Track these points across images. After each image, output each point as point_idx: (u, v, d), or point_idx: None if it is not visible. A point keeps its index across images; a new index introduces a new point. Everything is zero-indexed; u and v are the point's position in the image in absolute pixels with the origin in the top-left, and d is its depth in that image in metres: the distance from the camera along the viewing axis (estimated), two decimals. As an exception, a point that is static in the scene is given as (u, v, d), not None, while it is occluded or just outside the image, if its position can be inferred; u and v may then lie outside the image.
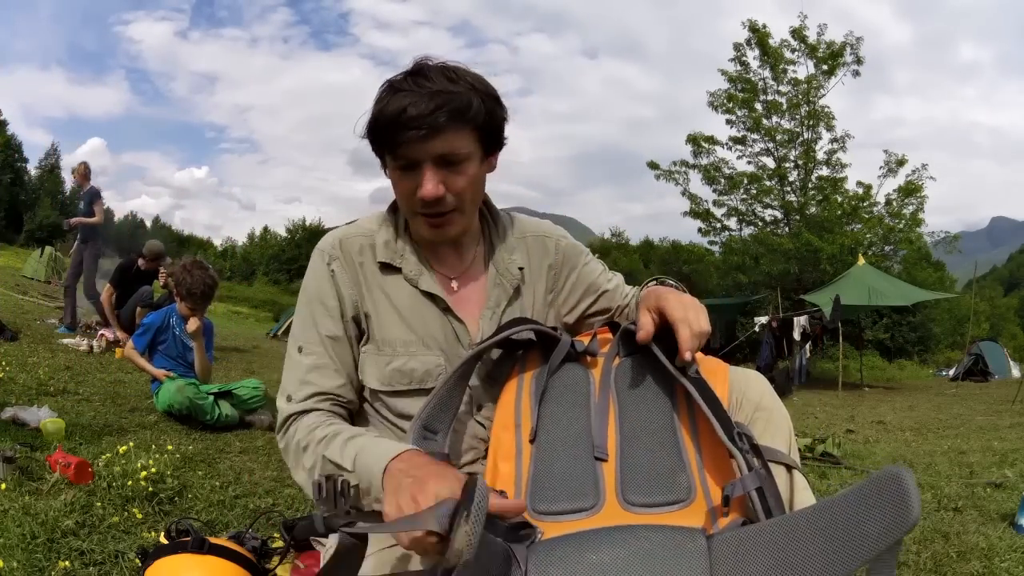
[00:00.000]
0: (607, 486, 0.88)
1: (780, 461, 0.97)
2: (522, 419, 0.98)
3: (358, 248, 1.09)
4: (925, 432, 5.66)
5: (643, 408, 0.95)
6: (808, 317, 11.98)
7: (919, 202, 16.11)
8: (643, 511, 0.85)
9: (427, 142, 0.94)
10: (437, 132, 0.93)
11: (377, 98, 0.98)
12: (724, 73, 17.58)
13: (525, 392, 1.01)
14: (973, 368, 15.59)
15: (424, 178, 0.96)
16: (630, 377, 0.99)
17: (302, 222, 47.45)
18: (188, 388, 3.32)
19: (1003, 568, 2.02)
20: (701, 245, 20.31)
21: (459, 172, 0.98)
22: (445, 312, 1.08)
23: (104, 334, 5.90)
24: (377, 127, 0.97)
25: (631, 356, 1.03)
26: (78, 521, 1.75)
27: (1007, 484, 3.23)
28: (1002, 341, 22.66)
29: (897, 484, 0.58)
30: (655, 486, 0.87)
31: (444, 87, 0.94)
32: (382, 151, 1.02)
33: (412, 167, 0.97)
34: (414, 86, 0.95)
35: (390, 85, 0.98)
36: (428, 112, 0.92)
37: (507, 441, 0.97)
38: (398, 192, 1.03)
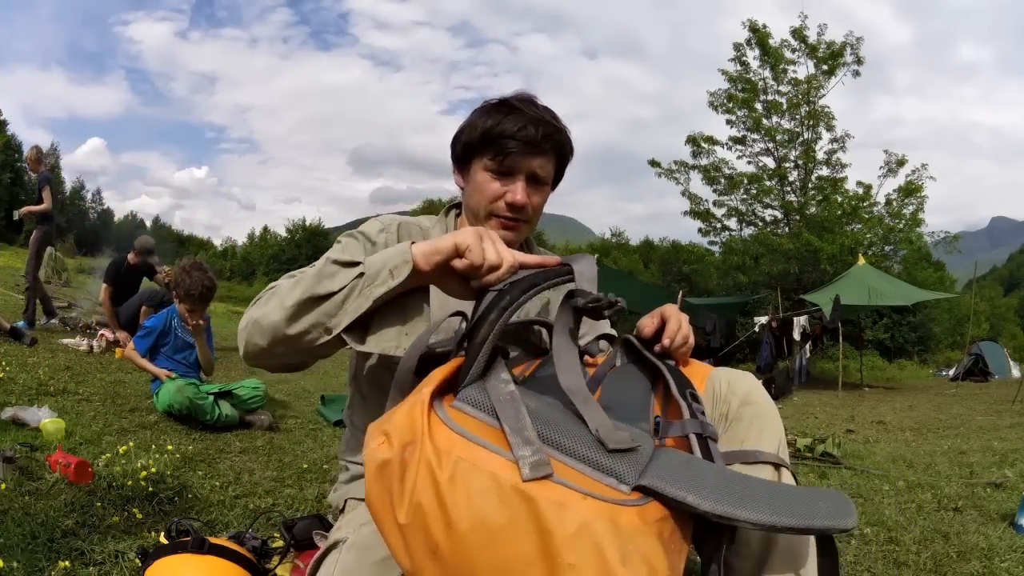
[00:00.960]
0: None
1: (766, 461, 0.96)
2: None
3: (411, 234, 1.19)
4: (925, 432, 5.66)
5: (624, 399, 0.97)
6: (808, 317, 11.98)
7: (919, 202, 16.10)
8: None
9: (531, 158, 1.13)
10: (540, 153, 1.13)
11: (488, 111, 1.14)
12: (724, 73, 17.57)
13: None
14: (973, 368, 15.59)
15: (518, 186, 1.14)
16: (619, 377, 1.02)
17: (302, 222, 47.46)
18: (188, 388, 3.32)
19: (1003, 568, 2.02)
20: (701, 245, 20.35)
21: (539, 191, 1.17)
22: None
23: (104, 334, 5.90)
24: (491, 135, 1.12)
25: (627, 365, 1.06)
26: (78, 521, 1.75)
27: (1007, 484, 3.23)
28: (1002, 341, 22.68)
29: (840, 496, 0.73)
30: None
31: (552, 120, 1.15)
32: (477, 155, 1.15)
33: (508, 174, 1.14)
34: (531, 109, 1.13)
35: (504, 103, 1.15)
36: (541, 136, 1.12)
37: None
38: (484, 193, 1.15)
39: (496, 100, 1.16)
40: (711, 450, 0.82)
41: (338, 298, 0.92)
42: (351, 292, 0.92)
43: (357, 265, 0.93)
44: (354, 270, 0.92)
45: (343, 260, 0.94)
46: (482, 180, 1.14)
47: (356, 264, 0.93)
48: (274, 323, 0.95)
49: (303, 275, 0.98)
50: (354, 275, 0.92)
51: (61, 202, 41.54)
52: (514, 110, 1.12)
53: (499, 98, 1.17)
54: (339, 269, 0.93)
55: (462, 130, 1.17)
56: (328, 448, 3.20)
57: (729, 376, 1.05)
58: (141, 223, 61.09)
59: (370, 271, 0.91)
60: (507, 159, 1.12)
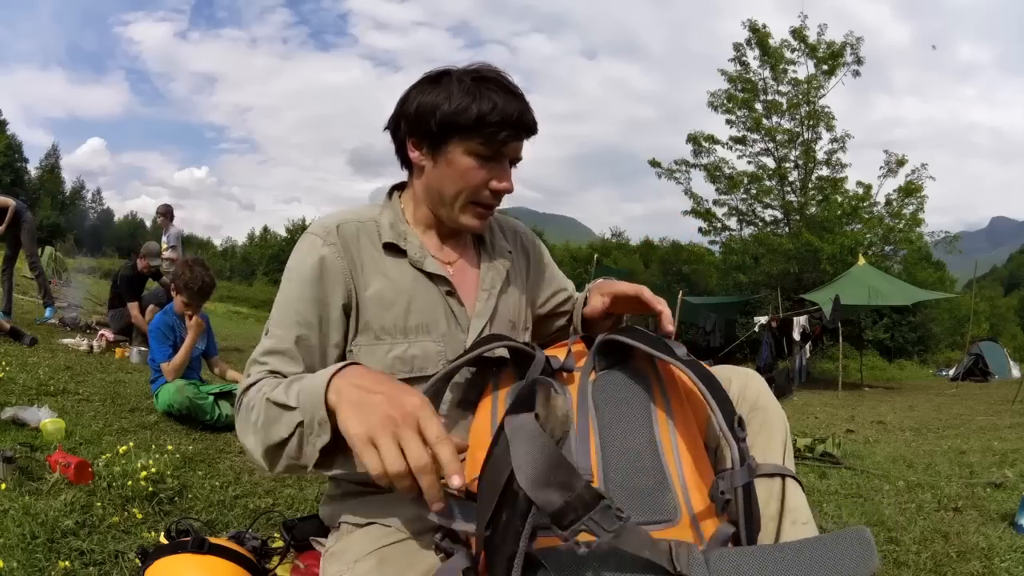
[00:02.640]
0: None
1: (775, 473, 0.95)
2: None
3: (355, 233, 1.08)
4: (925, 432, 5.66)
5: (623, 426, 0.92)
6: (808, 317, 11.98)
7: (919, 202, 16.12)
8: None
9: (520, 142, 1.07)
10: (525, 137, 1.07)
11: (473, 90, 1.01)
12: (724, 73, 17.59)
13: (500, 410, 0.96)
14: (973, 368, 15.59)
15: (506, 173, 1.07)
16: (607, 392, 0.95)
17: (302, 222, 47.50)
18: (188, 388, 3.32)
19: (1003, 568, 2.02)
20: (701, 245, 20.38)
21: (512, 174, 1.11)
22: (448, 295, 1.10)
23: (104, 334, 5.90)
24: (488, 120, 1.00)
25: (607, 370, 0.98)
26: (78, 521, 1.75)
27: (1007, 484, 3.23)
28: (1002, 341, 22.65)
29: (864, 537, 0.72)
30: (640, 505, 0.83)
31: (528, 104, 1.07)
32: (462, 137, 1.03)
33: (494, 159, 1.05)
34: (516, 88, 1.05)
35: (486, 81, 1.03)
36: (533, 121, 1.06)
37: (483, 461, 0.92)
38: (469, 180, 1.05)
39: (470, 76, 1.03)
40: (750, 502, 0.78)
41: (292, 443, 0.86)
42: (300, 439, 0.85)
43: (292, 410, 0.85)
44: (293, 417, 0.85)
45: (279, 401, 0.87)
46: (468, 166, 1.04)
47: (291, 408, 0.85)
48: (259, 463, 0.93)
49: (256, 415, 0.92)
50: (295, 423, 0.85)
51: (61, 202, 41.53)
52: (503, 89, 1.03)
53: (471, 72, 1.04)
54: (280, 413, 0.87)
55: (435, 105, 1.02)
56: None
57: (736, 376, 1.03)
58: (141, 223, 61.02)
59: (306, 418, 0.83)
60: (498, 145, 1.03)
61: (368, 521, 1.03)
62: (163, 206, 7.75)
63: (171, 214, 7.72)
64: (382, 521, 1.01)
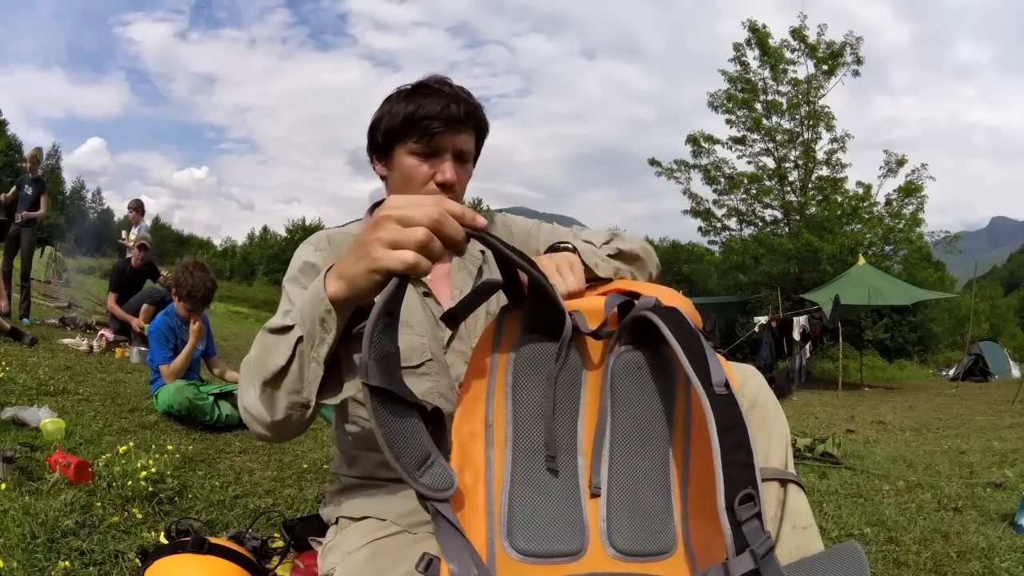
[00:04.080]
0: (591, 526, 0.78)
1: (775, 478, 0.93)
2: (494, 419, 0.80)
3: (343, 243, 1.16)
4: (925, 432, 5.67)
5: (641, 430, 0.82)
6: (808, 317, 11.99)
7: (919, 202, 16.12)
8: (626, 559, 0.78)
9: (456, 135, 1.12)
10: (464, 130, 1.13)
11: (405, 95, 1.13)
12: (724, 73, 17.58)
13: (499, 379, 0.82)
14: (973, 368, 15.59)
15: (447, 165, 1.12)
16: (631, 381, 0.83)
17: (302, 222, 47.50)
18: (188, 388, 3.32)
19: (1003, 568, 2.02)
20: (701, 245, 20.31)
21: (463, 168, 1.15)
22: (425, 296, 1.15)
23: (104, 334, 5.91)
24: (414, 118, 1.09)
25: (632, 348, 0.84)
26: (78, 521, 1.75)
27: (1007, 484, 3.23)
28: (1002, 341, 22.65)
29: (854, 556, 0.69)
30: (641, 533, 0.79)
31: (468, 97, 1.14)
32: (400, 141, 1.12)
33: (434, 155, 1.12)
34: (447, 88, 1.12)
35: (423, 86, 1.13)
36: (463, 112, 1.11)
37: (476, 453, 0.79)
38: (413, 177, 1.12)
39: (410, 86, 1.15)
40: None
41: (293, 370, 0.81)
42: (300, 361, 0.81)
43: (290, 329, 0.81)
44: (291, 335, 0.81)
45: (276, 327, 0.84)
46: (410, 165, 1.12)
47: (289, 328, 0.82)
48: (260, 415, 0.88)
49: (253, 354, 0.89)
50: (294, 341, 0.80)
51: (61, 202, 41.54)
52: (432, 91, 1.11)
53: (412, 84, 1.15)
54: (278, 339, 0.83)
55: (379, 119, 1.15)
56: (328, 448, 3.20)
57: (736, 373, 0.97)
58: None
59: (306, 330, 0.79)
60: (433, 139, 1.10)
61: (363, 515, 1.07)
62: (134, 201, 7.96)
63: (142, 208, 7.93)
64: (376, 515, 1.05)
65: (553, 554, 0.76)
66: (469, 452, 0.79)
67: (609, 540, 0.78)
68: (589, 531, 0.78)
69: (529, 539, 0.76)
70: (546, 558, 0.76)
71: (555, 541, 0.77)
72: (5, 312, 6.48)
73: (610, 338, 0.85)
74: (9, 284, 6.91)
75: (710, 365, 0.72)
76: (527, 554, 0.76)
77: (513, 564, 0.75)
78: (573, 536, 0.77)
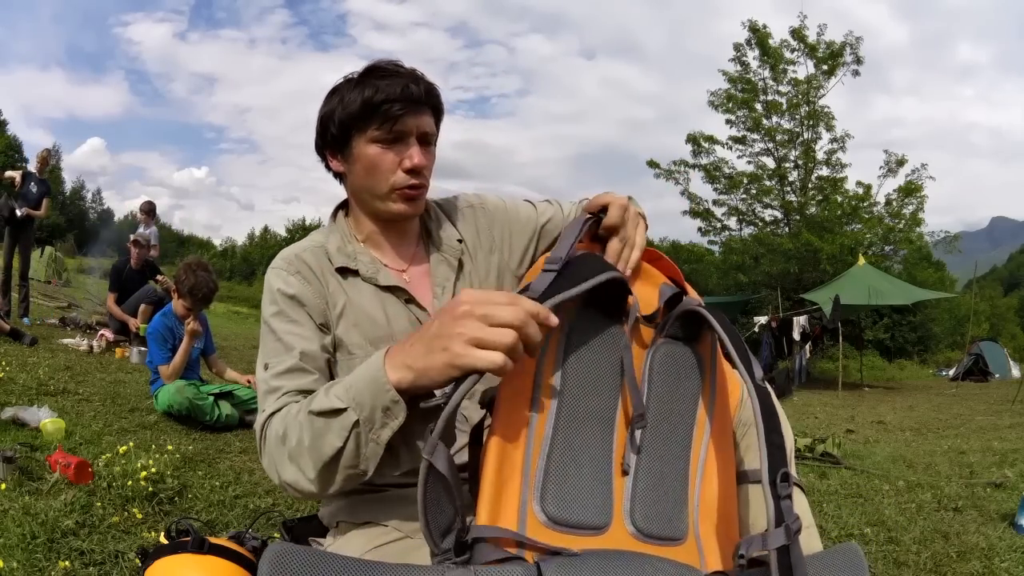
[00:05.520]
0: (616, 504, 0.81)
1: None
2: (543, 383, 0.81)
3: (315, 259, 1.11)
4: (925, 432, 5.67)
5: (671, 417, 0.87)
6: (808, 317, 11.99)
7: (919, 202, 16.12)
8: (644, 540, 0.80)
9: (419, 117, 1.05)
10: (425, 110, 1.06)
11: (357, 81, 1.05)
12: (724, 73, 17.60)
13: (552, 346, 0.83)
14: (973, 368, 15.61)
15: (414, 150, 1.05)
16: (669, 370, 0.88)
17: (302, 222, 47.46)
18: (188, 388, 3.32)
19: (1003, 568, 2.02)
20: (701, 245, 20.34)
21: (428, 151, 1.09)
22: (408, 303, 1.10)
23: (104, 334, 5.91)
24: (373, 102, 1.02)
25: (673, 340, 0.90)
26: (78, 521, 1.75)
27: (1007, 484, 3.23)
28: (1002, 341, 22.66)
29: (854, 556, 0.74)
30: (660, 516, 0.82)
31: (424, 78, 1.07)
32: (359, 130, 1.05)
33: (398, 141, 1.05)
34: (402, 69, 1.06)
35: (375, 68, 1.05)
36: (423, 93, 1.05)
37: (520, 414, 0.80)
38: (380, 167, 1.05)
39: (359, 72, 1.07)
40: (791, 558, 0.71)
41: (350, 448, 0.81)
42: (358, 441, 0.81)
43: (342, 412, 0.81)
44: (345, 419, 0.81)
45: (324, 409, 0.83)
46: (373, 154, 1.04)
47: (341, 411, 0.81)
48: (313, 491, 0.87)
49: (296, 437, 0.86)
50: (349, 424, 0.80)
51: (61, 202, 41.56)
52: (388, 73, 1.04)
53: (362, 69, 1.07)
54: (327, 423, 0.82)
55: (331, 111, 1.06)
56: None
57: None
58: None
59: (363, 415, 0.79)
60: (396, 123, 1.03)
61: (364, 520, 1.04)
62: (146, 203, 7.74)
63: (153, 211, 7.72)
64: (379, 521, 1.02)
65: (580, 525, 0.78)
66: (514, 411, 0.80)
67: (631, 518, 0.80)
68: (615, 507, 0.80)
69: (559, 506, 0.78)
70: (572, 528, 0.77)
71: (583, 512, 0.78)
72: (5, 312, 6.49)
73: (656, 326, 0.90)
74: (9, 284, 6.91)
75: (752, 362, 0.80)
76: (555, 520, 0.77)
77: (541, 528, 0.76)
78: (600, 510, 0.80)
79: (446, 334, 0.72)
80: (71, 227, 40.03)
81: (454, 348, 0.71)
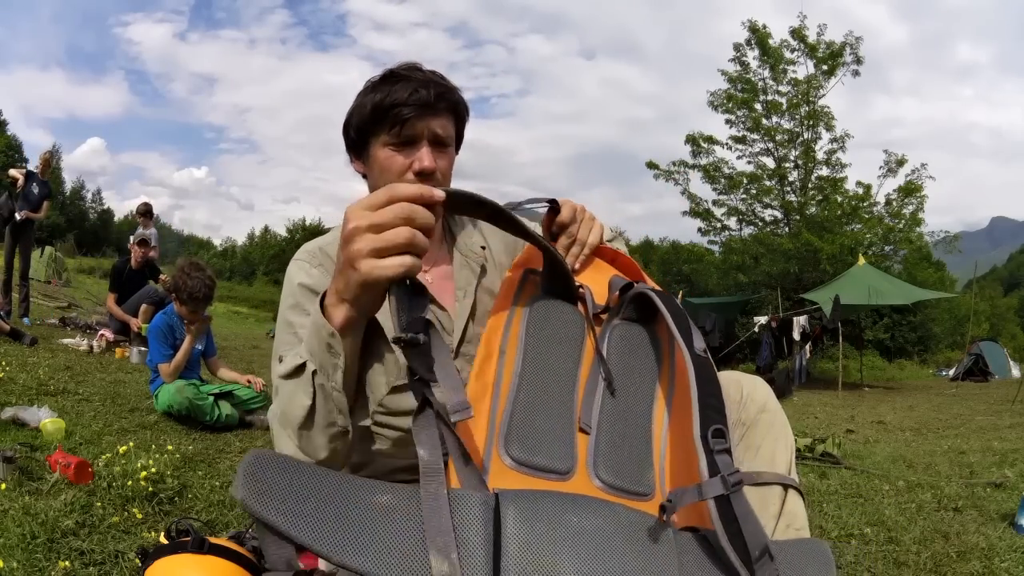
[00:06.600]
0: (579, 455, 0.84)
1: (778, 482, 0.97)
2: (508, 347, 0.89)
3: (338, 254, 1.11)
4: (925, 432, 5.67)
5: (629, 386, 0.91)
6: (808, 317, 11.99)
7: (919, 202, 16.10)
8: (610, 491, 0.82)
9: (430, 120, 1.07)
10: (438, 113, 1.08)
11: (374, 86, 1.09)
12: (724, 73, 17.58)
13: (516, 318, 0.92)
14: (973, 368, 15.61)
15: (424, 152, 1.07)
16: (624, 345, 0.94)
17: (302, 222, 47.43)
18: (188, 389, 3.32)
19: (1003, 568, 2.02)
20: (701, 245, 20.28)
21: (444, 154, 1.11)
22: (429, 303, 1.09)
23: (104, 334, 5.91)
24: (383, 107, 1.05)
25: (629, 322, 0.96)
26: (78, 521, 1.75)
27: (1007, 484, 3.23)
28: (1002, 341, 22.66)
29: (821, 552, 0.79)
30: (624, 472, 0.84)
31: (441, 81, 1.10)
32: (373, 134, 1.09)
33: (409, 143, 1.07)
34: (416, 74, 1.08)
35: (391, 74, 1.09)
36: (434, 96, 1.06)
37: (488, 369, 0.88)
38: (389, 170, 1.08)
39: (378, 76, 1.10)
40: (734, 509, 0.73)
41: (319, 405, 0.81)
42: (323, 394, 0.80)
43: (303, 367, 0.81)
44: (306, 373, 0.80)
45: (288, 370, 0.83)
46: (385, 157, 1.08)
47: (302, 368, 0.81)
48: (307, 457, 0.86)
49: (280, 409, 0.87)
50: (310, 377, 0.80)
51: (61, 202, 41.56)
52: (400, 78, 1.07)
53: (380, 74, 1.10)
54: (295, 383, 0.82)
55: (351, 114, 1.11)
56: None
57: (747, 381, 1.05)
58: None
59: (318, 363, 0.79)
60: (405, 127, 1.06)
61: None
62: (143, 205, 7.71)
63: (151, 213, 7.71)
64: None
65: (544, 468, 0.81)
66: (482, 368, 0.88)
67: (595, 471, 0.83)
68: (578, 458, 0.83)
69: (523, 449, 0.81)
70: (537, 470, 0.80)
71: (547, 457, 0.82)
72: (5, 312, 6.49)
73: (610, 311, 0.96)
74: (9, 284, 6.91)
75: (693, 335, 0.86)
76: (520, 463, 0.80)
77: (505, 470, 0.79)
78: (564, 458, 0.83)
79: (349, 257, 0.72)
80: (71, 227, 40.00)
81: (361, 268, 0.71)
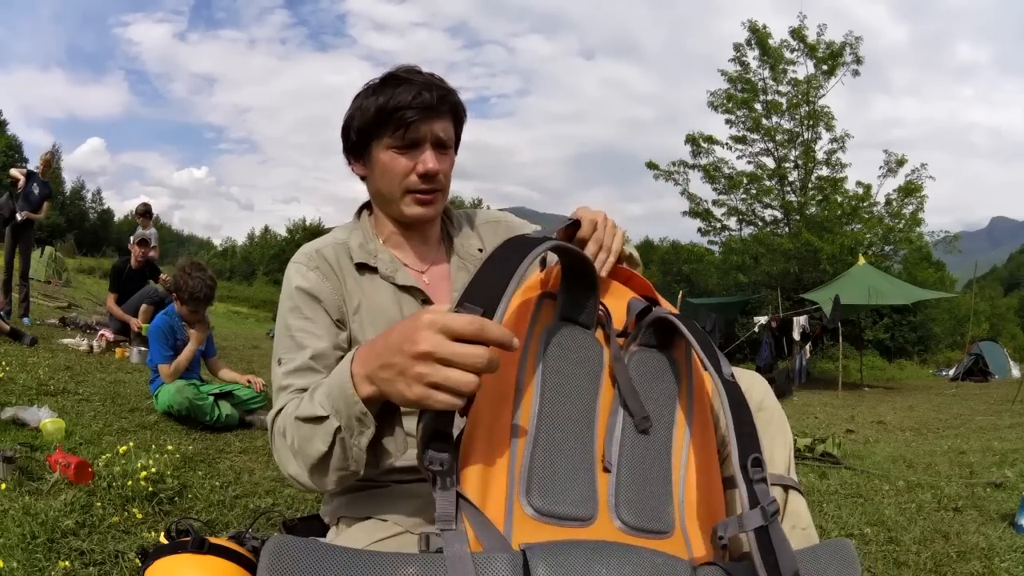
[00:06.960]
0: (601, 499, 0.82)
1: (778, 484, 0.96)
2: (525, 385, 0.84)
3: (335, 256, 1.13)
4: (925, 432, 5.67)
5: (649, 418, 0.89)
6: (808, 317, 11.99)
7: (919, 202, 16.11)
8: (631, 533, 0.81)
9: (433, 123, 1.08)
10: (440, 116, 1.09)
11: (374, 89, 1.09)
12: (724, 73, 17.59)
13: (532, 350, 0.87)
14: (973, 368, 15.60)
15: (427, 154, 1.08)
16: (643, 373, 0.90)
17: (302, 222, 47.43)
18: (188, 389, 3.32)
19: (1003, 568, 2.02)
20: (701, 245, 20.29)
21: (446, 156, 1.12)
22: (424, 304, 1.12)
23: (104, 334, 5.91)
24: (386, 110, 1.06)
25: (647, 348, 0.92)
26: (78, 521, 1.75)
27: (1007, 484, 3.23)
28: (1002, 341, 22.66)
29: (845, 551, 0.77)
30: (645, 511, 0.82)
31: (441, 83, 1.10)
32: (375, 136, 1.09)
33: (412, 146, 1.08)
34: (417, 76, 1.09)
35: (392, 77, 1.09)
36: (436, 99, 1.07)
37: (504, 413, 0.83)
38: (392, 173, 1.09)
39: (378, 79, 1.11)
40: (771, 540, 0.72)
41: (336, 453, 0.84)
42: (343, 445, 0.83)
43: (325, 419, 0.83)
44: (328, 426, 0.82)
45: (308, 416, 0.85)
46: (387, 159, 1.09)
47: (324, 418, 0.83)
48: (314, 488, 0.91)
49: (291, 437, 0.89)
50: (332, 431, 0.82)
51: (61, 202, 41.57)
52: (402, 81, 1.08)
53: (380, 77, 1.11)
54: (313, 428, 0.85)
55: (351, 117, 1.11)
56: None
57: (743, 378, 1.02)
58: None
59: (343, 423, 0.81)
60: (409, 130, 1.06)
61: (365, 516, 1.06)
62: (142, 206, 7.71)
63: (150, 214, 7.70)
64: (379, 516, 1.04)
65: (566, 516, 0.79)
66: (497, 411, 0.82)
67: (616, 512, 0.81)
68: (600, 502, 0.81)
69: (545, 499, 0.79)
70: (559, 519, 0.78)
71: (569, 505, 0.79)
72: (5, 312, 6.49)
73: (628, 336, 0.93)
74: (9, 284, 6.92)
75: (720, 360, 0.84)
76: (542, 513, 0.78)
77: (528, 521, 0.77)
78: (586, 503, 0.80)
79: (407, 371, 0.69)
80: (71, 227, 40.00)
81: (413, 391, 0.69)
